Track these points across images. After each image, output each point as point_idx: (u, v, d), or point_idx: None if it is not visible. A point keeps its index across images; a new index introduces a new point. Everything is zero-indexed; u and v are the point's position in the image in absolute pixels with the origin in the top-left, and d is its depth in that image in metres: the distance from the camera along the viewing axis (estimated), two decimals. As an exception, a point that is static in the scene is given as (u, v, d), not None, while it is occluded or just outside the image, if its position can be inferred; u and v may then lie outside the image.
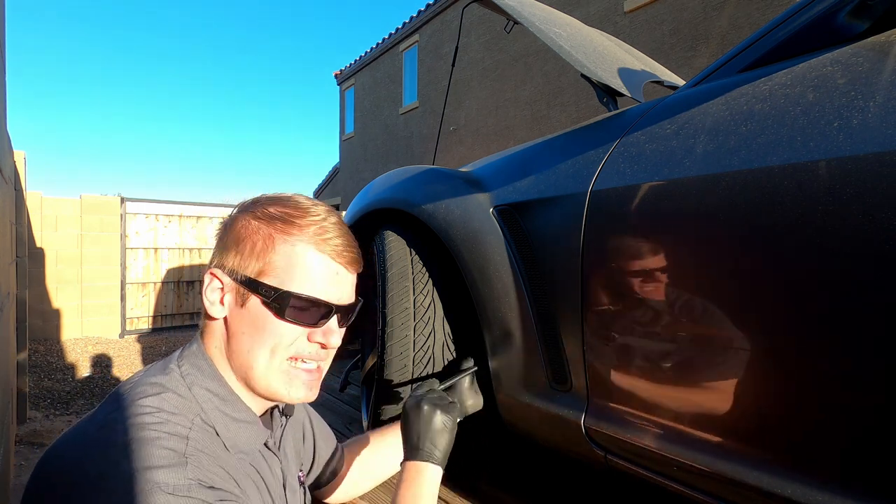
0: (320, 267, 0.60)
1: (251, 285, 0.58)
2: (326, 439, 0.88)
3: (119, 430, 0.51)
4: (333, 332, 0.62)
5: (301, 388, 0.61)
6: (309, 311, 0.59)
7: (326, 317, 0.61)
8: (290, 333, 0.59)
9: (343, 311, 0.63)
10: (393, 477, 1.15)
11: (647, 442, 0.75)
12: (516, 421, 1.02)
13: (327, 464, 0.87)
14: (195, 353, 0.61)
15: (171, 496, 0.47)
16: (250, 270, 0.59)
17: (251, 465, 0.60)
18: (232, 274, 0.60)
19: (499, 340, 0.99)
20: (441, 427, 0.76)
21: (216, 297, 0.60)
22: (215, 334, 0.62)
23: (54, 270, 5.79)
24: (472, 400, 0.98)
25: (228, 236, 0.61)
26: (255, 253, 0.59)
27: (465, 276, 1.03)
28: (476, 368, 1.00)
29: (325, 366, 0.65)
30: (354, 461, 0.91)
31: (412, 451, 0.75)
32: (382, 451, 0.93)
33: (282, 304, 0.58)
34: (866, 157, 0.53)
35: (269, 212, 0.61)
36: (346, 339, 0.67)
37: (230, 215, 0.64)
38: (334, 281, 0.61)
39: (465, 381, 0.99)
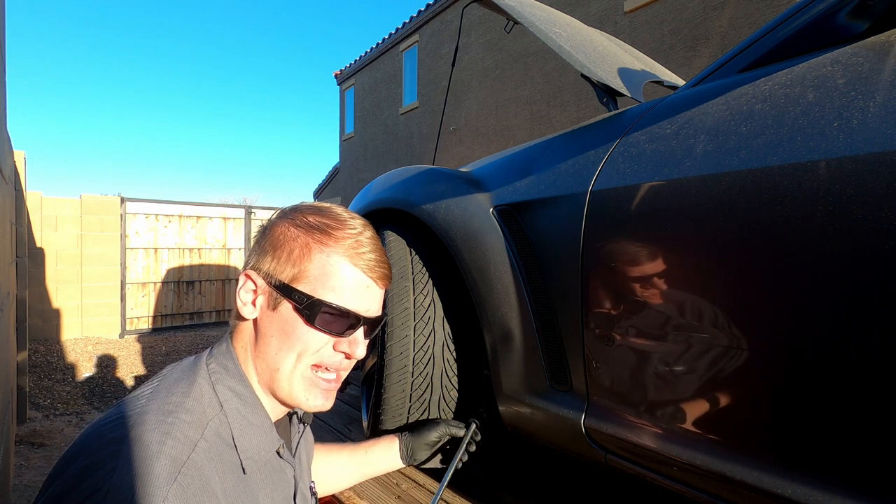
0: (352, 279, 0.61)
1: (284, 290, 0.60)
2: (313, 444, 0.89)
3: (134, 430, 0.52)
4: (359, 344, 0.63)
5: (319, 396, 0.63)
6: (338, 321, 0.61)
7: (353, 328, 0.62)
8: (316, 341, 0.60)
9: (369, 324, 0.65)
10: (392, 475, 1.15)
11: (647, 442, 0.75)
12: (516, 421, 1.02)
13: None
14: (224, 353, 0.63)
15: None
16: (285, 276, 0.60)
17: (258, 472, 0.60)
18: (267, 277, 0.61)
19: (499, 340, 0.99)
20: None
21: (249, 298, 0.62)
22: (244, 335, 0.63)
23: (54, 270, 5.79)
24: (424, 454, 0.98)
25: (266, 240, 0.63)
26: (291, 259, 0.60)
27: (465, 277, 1.03)
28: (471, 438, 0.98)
29: (344, 375, 0.66)
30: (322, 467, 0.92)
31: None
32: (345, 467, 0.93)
33: (312, 311, 0.59)
34: (866, 157, 0.53)
35: (308, 220, 0.62)
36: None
37: (269, 220, 0.65)
38: (364, 294, 0.63)
39: (433, 436, 0.98)
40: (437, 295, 1.12)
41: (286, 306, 0.60)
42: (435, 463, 1.00)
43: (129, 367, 4.95)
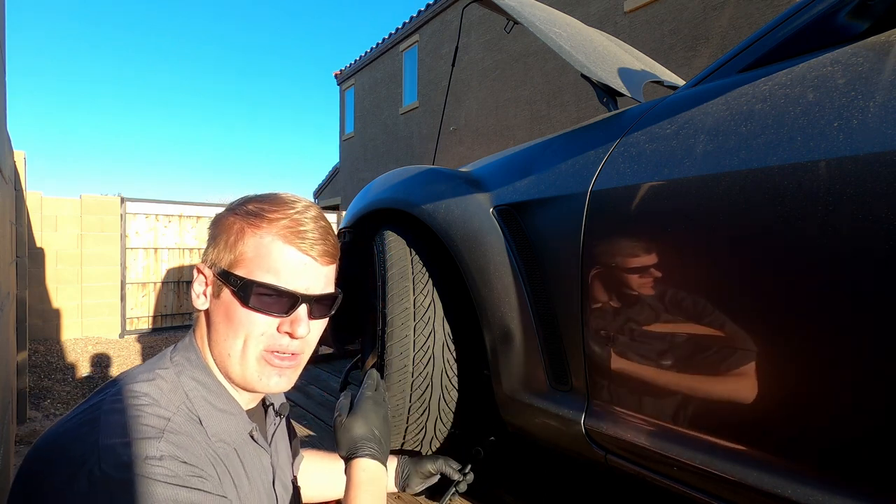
0: (287, 258, 0.61)
1: (223, 276, 0.61)
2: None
3: (105, 410, 0.53)
4: (300, 322, 0.62)
5: (273, 375, 0.63)
6: (275, 301, 0.61)
7: (294, 307, 0.62)
8: (258, 323, 0.61)
9: (313, 302, 0.64)
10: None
11: (647, 442, 0.75)
12: (517, 421, 1.02)
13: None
14: (187, 346, 0.65)
15: (144, 463, 0.49)
16: (224, 262, 0.62)
17: (234, 454, 0.62)
18: (212, 267, 0.63)
19: (499, 340, 0.99)
20: (384, 423, 0.81)
21: (200, 289, 0.64)
22: (201, 327, 0.65)
23: (54, 270, 5.79)
24: (416, 483, 0.95)
25: (212, 233, 0.65)
26: (228, 245, 0.62)
27: (465, 277, 1.03)
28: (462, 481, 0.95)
29: (304, 358, 0.66)
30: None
31: (375, 446, 0.77)
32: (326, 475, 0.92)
33: (246, 293, 0.60)
34: (866, 157, 0.53)
35: (248, 208, 0.63)
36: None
37: (217, 214, 0.67)
38: (301, 272, 0.62)
39: (430, 468, 0.95)
40: (437, 295, 1.12)
41: (226, 292, 0.61)
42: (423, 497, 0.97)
43: (129, 367, 4.94)
